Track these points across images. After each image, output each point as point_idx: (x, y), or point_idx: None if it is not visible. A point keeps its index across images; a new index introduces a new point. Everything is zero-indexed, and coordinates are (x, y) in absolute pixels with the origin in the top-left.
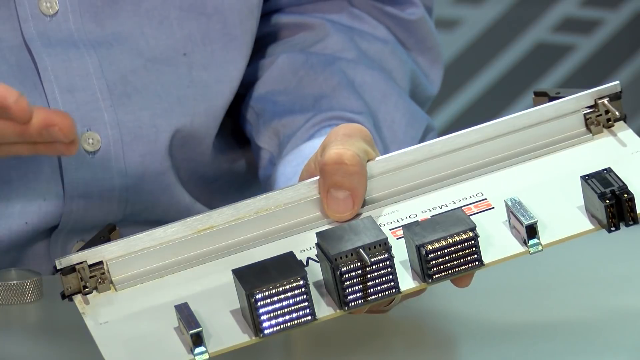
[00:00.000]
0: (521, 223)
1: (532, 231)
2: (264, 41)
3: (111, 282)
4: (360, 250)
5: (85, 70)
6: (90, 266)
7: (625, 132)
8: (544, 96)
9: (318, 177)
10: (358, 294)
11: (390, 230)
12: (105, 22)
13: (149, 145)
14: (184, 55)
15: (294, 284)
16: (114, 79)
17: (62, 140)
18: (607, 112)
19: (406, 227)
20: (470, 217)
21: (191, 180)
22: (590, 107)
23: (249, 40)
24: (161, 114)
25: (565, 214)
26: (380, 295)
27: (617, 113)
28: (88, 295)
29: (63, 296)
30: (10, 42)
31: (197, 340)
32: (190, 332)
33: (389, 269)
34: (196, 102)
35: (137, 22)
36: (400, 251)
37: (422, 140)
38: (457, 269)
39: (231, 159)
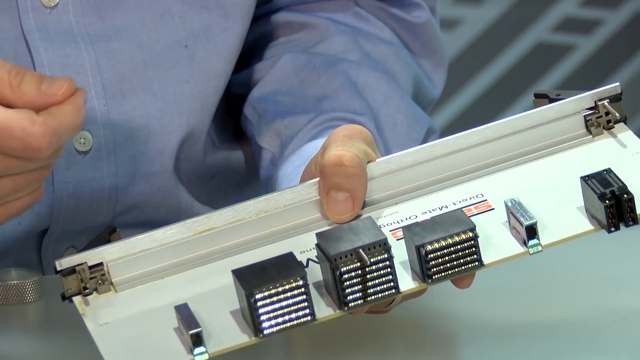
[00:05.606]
0: (521, 223)
1: (531, 231)
2: (267, 39)
3: (111, 283)
4: (360, 250)
5: (82, 67)
6: (90, 267)
7: (625, 134)
8: (544, 98)
9: (318, 179)
10: (358, 294)
11: (390, 231)
12: (107, 14)
13: (140, 147)
14: (186, 47)
15: (294, 284)
16: (110, 76)
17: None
18: (607, 113)
19: (406, 228)
20: (470, 218)
21: (191, 179)
22: (590, 108)
23: (244, 33)
24: (155, 115)
25: (565, 215)
26: (380, 295)
27: (617, 115)
28: (88, 297)
29: (63, 297)
30: (8, 34)
31: (197, 340)
32: (190, 332)
33: (389, 269)
34: (192, 99)
35: (139, 14)
36: (400, 252)
37: (424, 142)
38: (456, 269)
39: (227, 155)
